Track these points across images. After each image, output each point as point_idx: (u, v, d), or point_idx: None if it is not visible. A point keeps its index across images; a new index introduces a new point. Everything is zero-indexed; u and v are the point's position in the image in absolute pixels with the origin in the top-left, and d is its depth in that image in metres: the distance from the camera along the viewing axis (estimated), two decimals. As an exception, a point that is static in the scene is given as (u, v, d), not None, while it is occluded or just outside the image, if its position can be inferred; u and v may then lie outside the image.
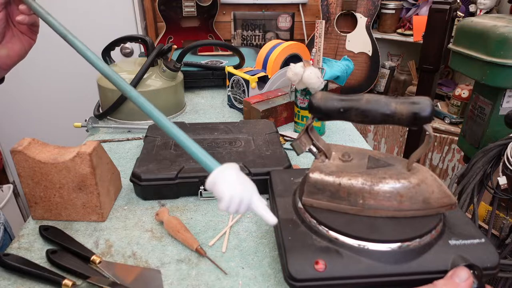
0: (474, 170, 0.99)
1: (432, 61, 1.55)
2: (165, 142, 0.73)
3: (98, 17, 1.82)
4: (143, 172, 0.63)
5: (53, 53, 1.84)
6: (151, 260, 0.52)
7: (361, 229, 0.44)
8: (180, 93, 1.00)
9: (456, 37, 1.16)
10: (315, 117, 0.46)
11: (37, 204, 0.58)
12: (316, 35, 0.83)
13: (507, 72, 1.00)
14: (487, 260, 0.42)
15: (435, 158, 1.91)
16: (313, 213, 0.47)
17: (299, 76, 0.79)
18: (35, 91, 1.93)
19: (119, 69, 0.95)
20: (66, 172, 0.55)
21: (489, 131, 1.12)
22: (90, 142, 0.56)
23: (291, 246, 0.44)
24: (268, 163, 0.66)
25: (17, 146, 0.55)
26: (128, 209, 0.63)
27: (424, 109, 0.41)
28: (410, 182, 0.44)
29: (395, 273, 0.41)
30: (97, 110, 0.99)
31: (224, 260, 0.52)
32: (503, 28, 0.98)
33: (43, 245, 0.55)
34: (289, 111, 0.95)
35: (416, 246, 0.43)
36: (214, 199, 0.65)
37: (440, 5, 1.46)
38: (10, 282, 0.49)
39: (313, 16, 2.18)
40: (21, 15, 0.57)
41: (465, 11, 1.84)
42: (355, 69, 2.03)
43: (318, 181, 0.47)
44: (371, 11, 1.96)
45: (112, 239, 0.56)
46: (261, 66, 1.07)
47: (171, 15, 1.93)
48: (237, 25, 2.08)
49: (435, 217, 0.45)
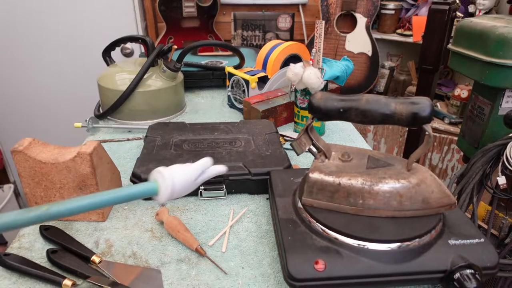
0: (474, 170, 0.99)
1: (431, 61, 1.56)
2: (165, 142, 0.73)
3: (98, 17, 1.82)
4: (143, 172, 0.63)
5: (53, 53, 1.84)
6: (151, 260, 0.52)
7: (361, 229, 0.44)
8: (180, 93, 1.00)
9: (456, 38, 1.16)
10: (315, 117, 0.47)
11: (38, 204, 0.58)
12: (316, 36, 0.83)
13: (506, 72, 1.00)
14: (486, 259, 0.42)
15: (434, 158, 1.91)
16: (313, 213, 0.47)
17: (299, 76, 0.79)
18: (36, 91, 1.93)
19: (120, 69, 0.95)
20: (66, 172, 0.55)
21: (489, 131, 1.12)
22: (91, 142, 0.56)
23: (291, 246, 0.44)
24: (268, 163, 0.66)
25: (17, 146, 0.55)
26: (128, 209, 0.63)
27: (424, 109, 0.41)
28: (410, 182, 0.44)
29: (395, 273, 0.41)
30: (97, 110, 0.99)
31: (224, 260, 0.52)
32: (502, 29, 0.98)
33: (43, 244, 0.55)
34: (289, 111, 0.95)
35: (416, 246, 0.43)
36: (214, 199, 0.65)
37: (439, 5, 1.47)
38: (10, 281, 0.49)
39: (313, 17, 2.18)
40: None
41: (465, 12, 1.84)
42: (355, 69, 2.03)
43: (318, 181, 0.47)
44: (371, 11, 1.96)
45: (112, 239, 0.56)
46: (261, 66, 1.07)
47: (171, 15, 1.93)
48: (237, 26, 2.08)
49: (434, 217, 0.45)
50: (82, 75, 1.92)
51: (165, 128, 0.79)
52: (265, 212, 0.62)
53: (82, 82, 1.93)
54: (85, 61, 1.89)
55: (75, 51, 1.87)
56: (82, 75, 1.92)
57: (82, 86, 1.94)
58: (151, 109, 0.92)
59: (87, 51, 1.87)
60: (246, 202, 0.65)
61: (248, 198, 0.66)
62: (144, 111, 0.92)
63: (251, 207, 0.63)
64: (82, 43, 1.85)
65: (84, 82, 1.93)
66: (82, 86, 1.94)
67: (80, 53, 1.87)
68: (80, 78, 1.92)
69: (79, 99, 1.97)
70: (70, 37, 1.83)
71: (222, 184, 0.64)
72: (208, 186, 0.64)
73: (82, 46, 1.86)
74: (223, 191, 0.64)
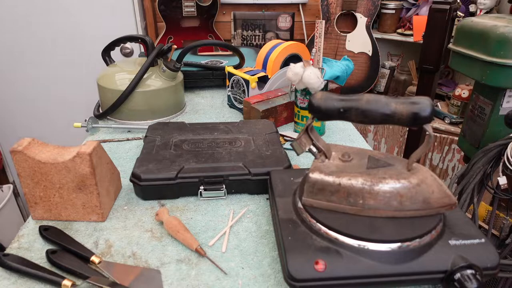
0: (474, 170, 0.99)
1: (432, 61, 1.56)
2: (165, 142, 0.73)
3: (98, 17, 1.82)
4: (143, 172, 0.63)
5: (53, 53, 1.84)
6: (151, 260, 0.52)
7: (361, 229, 0.44)
8: (180, 93, 1.00)
9: (456, 37, 1.16)
10: (315, 117, 0.46)
11: (37, 204, 0.58)
12: (316, 35, 0.83)
13: (507, 72, 1.00)
14: (487, 260, 0.42)
15: (435, 158, 1.91)
16: (313, 213, 0.47)
17: (299, 76, 0.79)
18: (35, 91, 1.93)
19: (119, 69, 0.95)
20: (66, 172, 0.55)
21: (489, 131, 1.12)
22: (90, 142, 0.56)
23: (291, 246, 0.44)
24: (268, 163, 0.66)
25: (17, 146, 0.55)
26: (128, 209, 0.63)
27: (424, 109, 0.41)
28: (410, 182, 0.44)
29: (395, 273, 0.41)
30: (97, 110, 0.98)
31: (224, 260, 0.52)
32: (503, 28, 0.98)
33: (43, 245, 0.55)
34: (289, 111, 0.95)
35: (416, 246, 0.43)
36: (214, 199, 0.65)
37: (440, 5, 1.46)
38: (10, 282, 0.49)
39: (313, 16, 2.18)
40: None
41: (465, 11, 1.84)
42: (355, 69, 2.03)
43: (318, 181, 0.47)
44: (371, 11, 1.95)
45: (112, 239, 0.56)
46: (261, 66, 1.06)
47: (171, 15, 1.93)
48: (237, 25, 2.08)
49: (435, 217, 0.45)
50: (81, 75, 1.92)
51: (165, 128, 0.79)
52: (265, 212, 0.62)
53: (82, 82, 1.93)
54: (84, 61, 1.89)
55: (74, 51, 1.87)
56: (82, 75, 1.92)
57: (81, 86, 1.94)
58: (150, 109, 0.92)
59: (87, 51, 1.87)
60: (246, 202, 0.65)
61: (248, 198, 0.66)
62: (144, 111, 0.92)
63: (251, 207, 0.63)
64: (82, 43, 1.85)
65: (83, 82, 1.93)
66: (81, 86, 1.94)
67: (80, 53, 1.87)
68: (79, 78, 1.92)
69: (79, 99, 1.97)
70: (70, 36, 1.83)
71: (222, 184, 0.64)
72: (208, 186, 0.64)
73: (82, 45, 1.86)
74: (223, 191, 0.64)
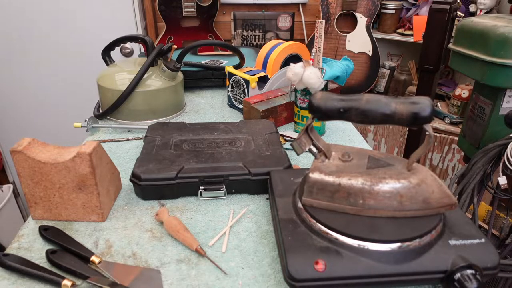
0: (474, 170, 0.99)
1: (432, 61, 1.55)
2: (165, 142, 0.73)
3: (98, 17, 1.82)
4: (143, 172, 0.63)
5: (53, 53, 1.84)
6: (151, 260, 0.52)
7: (361, 229, 0.44)
8: (180, 93, 1.00)
9: (456, 37, 1.16)
10: (315, 117, 0.46)
11: (37, 204, 0.58)
12: (316, 35, 0.83)
13: (507, 72, 1.00)
14: (487, 260, 0.42)
15: (435, 158, 1.91)
16: (313, 213, 0.47)
17: (299, 76, 0.79)
18: (35, 91, 1.93)
19: (119, 69, 0.95)
20: (66, 172, 0.55)
21: (489, 131, 1.12)
22: (90, 142, 0.56)
23: (291, 246, 0.44)
24: (268, 163, 0.66)
25: (17, 146, 0.55)
26: (128, 209, 0.63)
27: (424, 109, 0.41)
28: (410, 182, 0.44)
29: (395, 273, 0.41)
30: (97, 110, 0.98)
31: (224, 260, 0.52)
32: (503, 28, 0.98)
33: (43, 245, 0.55)
34: (289, 111, 0.95)
35: (416, 246, 0.43)
36: (214, 199, 0.65)
37: (440, 5, 1.46)
38: (10, 282, 0.49)
39: (313, 16, 2.18)
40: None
41: (465, 11, 1.84)
42: (355, 69, 2.03)
43: (318, 181, 0.47)
44: (371, 11, 1.95)
45: (112, 239, 0.56)
46: (261, 66, 1.06)
47: (171, 15, 1.93)
48: (237, 25, 2.08)
49: (435, 217, 0.45)
50: (81, 75, 1.92)
51: (165, 128, 0.79)
52: (265, 212, 0.62)
53: (82, 82, 1.93)
54: (84, 61, 1.89)
55: (74, 51, 1.87)
56: (82, 75, 1.92)
57: (81, 86, 1.94)
58: (150, 109, 0.92)
59: (87, 51, 1.87)
60: (246, 202, 0.65)
61: (248, 198, 0.66)
62: (144, 111, 0.92)
63: (251, 207, 0.63)
64: (82, 43, 1.85)
65: (83, 82, 1.93)
66: (81, 86, 1.94)
67: (80, 52, 1.87)
68: (79, 78, 1.92)
69: (79, 99, 1.97)
70: (70, 36, 1.83)
71: (222, 184, 0.64)
72: (208, 186, 0.64)
73: (82, 45, 1.86)
74: (223, 191, 0.64)
